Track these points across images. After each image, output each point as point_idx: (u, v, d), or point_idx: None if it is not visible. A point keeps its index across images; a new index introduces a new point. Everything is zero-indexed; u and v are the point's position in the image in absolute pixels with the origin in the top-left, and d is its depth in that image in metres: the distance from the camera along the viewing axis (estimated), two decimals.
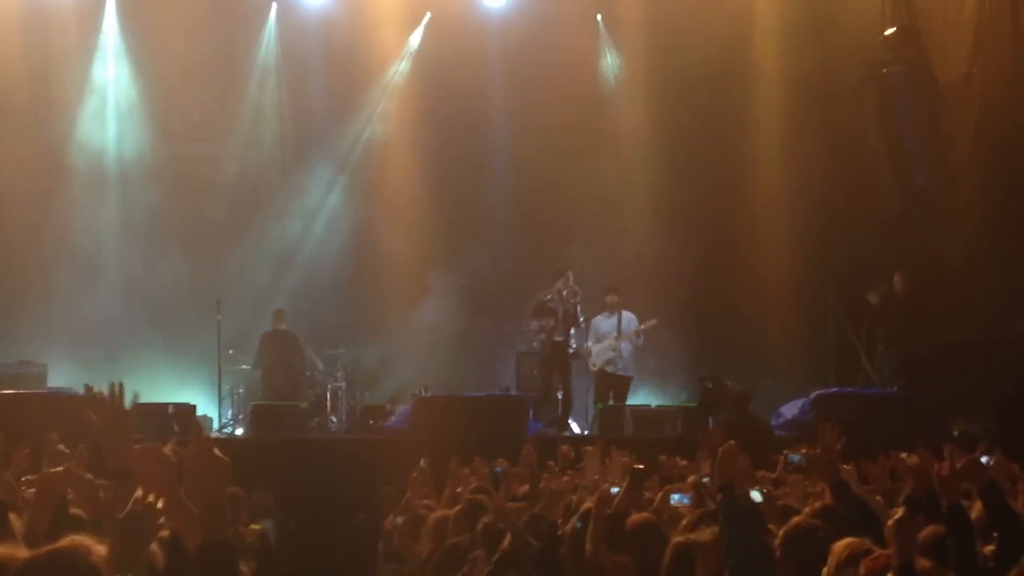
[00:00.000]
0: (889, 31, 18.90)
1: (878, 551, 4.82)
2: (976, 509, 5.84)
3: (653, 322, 18.84)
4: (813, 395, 16.83)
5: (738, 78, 21.23)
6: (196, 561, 3.63)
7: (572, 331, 18.19)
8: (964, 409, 15.75)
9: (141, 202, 20.89)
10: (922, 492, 6.02)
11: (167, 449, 3.96)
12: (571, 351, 18.23)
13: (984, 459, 7.10)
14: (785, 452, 7.18)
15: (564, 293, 17.93)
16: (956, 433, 15.41)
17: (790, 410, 17.20)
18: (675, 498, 7.53)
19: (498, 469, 10.37)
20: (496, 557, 7.31)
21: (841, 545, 4.99)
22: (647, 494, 7.92)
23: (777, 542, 5.60)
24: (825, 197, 20.64)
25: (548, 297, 18.05)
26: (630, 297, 18.83)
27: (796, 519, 5.89)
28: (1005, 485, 6.78)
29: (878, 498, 7.29)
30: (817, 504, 6.32)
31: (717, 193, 21.14)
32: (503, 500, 8.16)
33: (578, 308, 18.06)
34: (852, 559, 4.84)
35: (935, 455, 6.11)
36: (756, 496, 6.75)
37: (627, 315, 18.57)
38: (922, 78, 18.58)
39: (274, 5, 21.52)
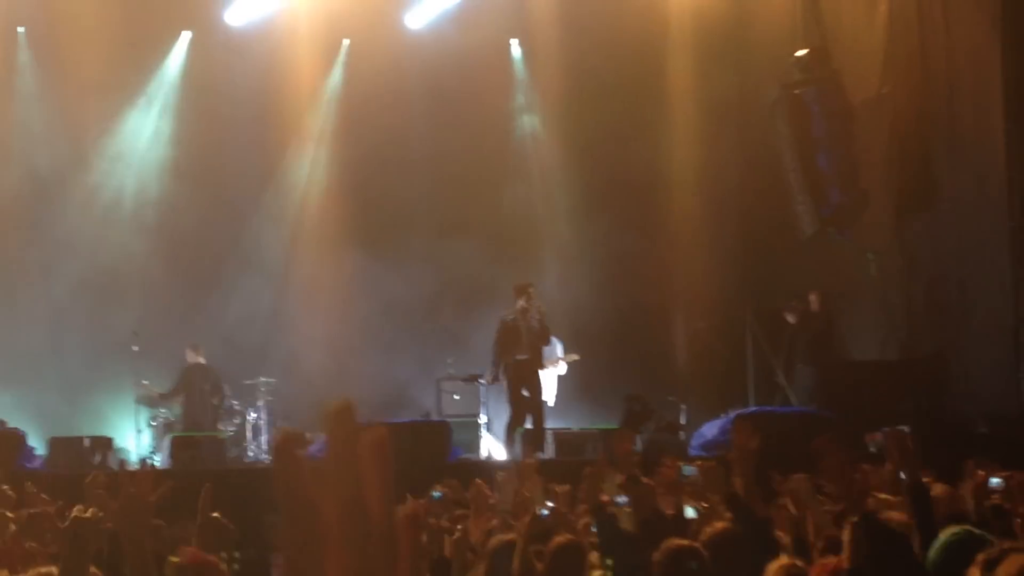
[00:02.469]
0: (801, 52, 19.10)
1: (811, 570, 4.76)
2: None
3: (575, 357, 18.94)
4: (733, 414, 16.93)
5: (653, 100, 21.36)
6: None
7: (543, 349, 18.14)
8: (880, 425, 15.88)
9: (55, 229, 20.62)
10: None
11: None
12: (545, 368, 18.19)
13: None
14: (680, 465, 7.13)
15: (528, 311, 17.81)
16: (873, 449, 15.55)
17: (710, 430, 17.30)
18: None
19: (437, 494, 10.19)
20: None
21: (775, 568, 4.92)
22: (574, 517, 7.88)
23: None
24: (741, 217, 20.83)
25: (511, 317, 17.89)
26: (551, 320, 18.84)
27: (675, 542, 5.84)
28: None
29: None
30: (719, 525, 6.23)
31: (632, 215, 21.22)
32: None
33: (542, 321, 17.91)
34: None
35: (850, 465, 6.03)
36: (690, 512, 6.77)
37: (553, 339, 18.61)
38: (834, 98, 18.77)
39: (184, 34, 21.28)
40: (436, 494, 10.15)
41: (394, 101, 21.09)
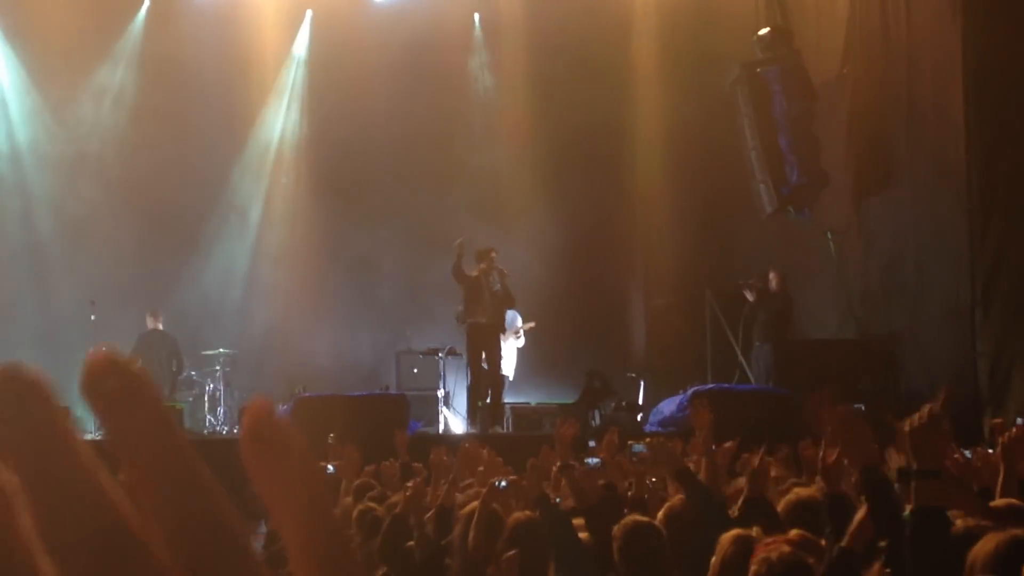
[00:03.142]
0: (763, 31, 19.15)
1: (769, 539, 4.57)
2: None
3: (531, 324, 19.01)
4: (690, 391, 17.01)
5: (616, 79, 21.42)
6: None
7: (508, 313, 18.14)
8: (836, 403, 15.98)
9: (24, 197, 20.53)
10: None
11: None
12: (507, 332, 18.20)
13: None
14: (629, 443, 7.15)
15: (489, 273, 17.70)
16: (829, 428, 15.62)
17: (668, 407, 17.37)
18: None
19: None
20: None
21: (727, 537, 4.78)
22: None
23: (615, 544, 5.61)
24: (702, 195, 20.91)
25: (474, 275, 17.71)
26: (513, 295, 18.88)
27: (633, 518, 5.83)
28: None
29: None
30: (674, 502, 6.22)
31: (594, 191, 21.31)
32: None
33: (506, 285, 17.87)
34: (742, 551, 4.57)
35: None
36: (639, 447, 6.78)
37: (511, 313, 18.62)
38: (796, 77, 18.82)
39: (146, 3, 21.17)
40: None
41: (359, 71, 21.05)
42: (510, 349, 18.73)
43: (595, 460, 7.61)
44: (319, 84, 21.49)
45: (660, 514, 6.11)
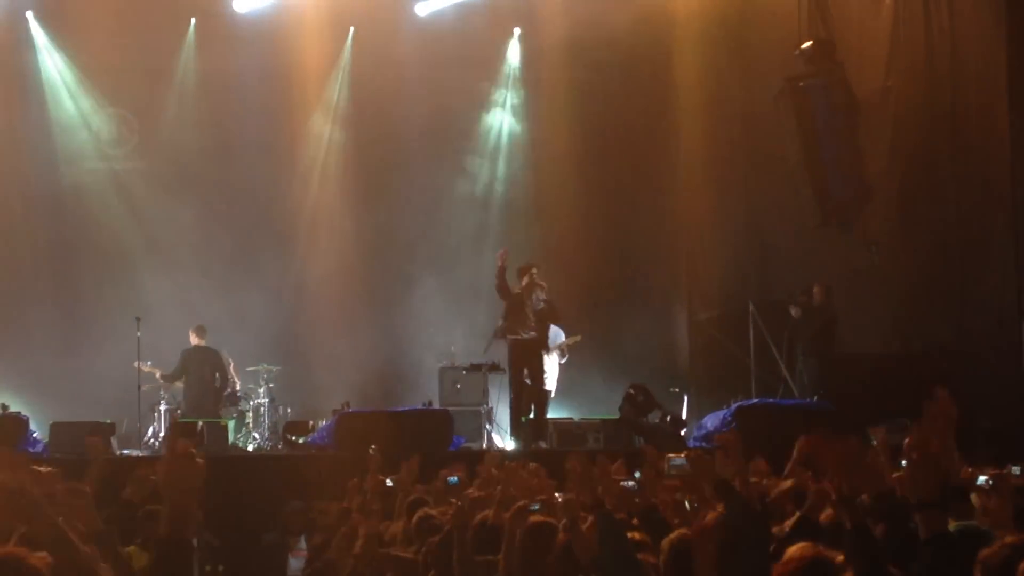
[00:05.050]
0: (806, 44, 19.05)
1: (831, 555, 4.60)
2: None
3: (577, 338, 19.00)
4: (734, 406, 16.95)
5: (658, 93, 21.38)
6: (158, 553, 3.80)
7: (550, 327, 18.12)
8: (882, 418, 15.86)
9: (62, 217, 20.69)
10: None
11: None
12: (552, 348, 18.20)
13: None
14: (668, 456, 7.07)
15: (532, 289, 17.58)
16: (875, 442, 15.51)
17: (711, 421, 17.31)
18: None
19: (453, 479, 10.22)
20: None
21: (796, 549, 4.75)
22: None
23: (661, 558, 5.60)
24: (745, 209, 20.85)
25: (517, 291, 17.60)
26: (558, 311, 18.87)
27: (678, 533, 5.81)
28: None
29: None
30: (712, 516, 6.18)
31: (636, 203, 21.29)
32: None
33: (550, 301, 17.84)
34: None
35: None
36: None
37: (554, 329, 18.61)
38: (839, 91, 18.71)
39: (192, 20, 21.30)
40: (453, 479, 10.19)
41: (400, 85, 21.13)
42: (553, 364, 18.70)
43: (631, 483, 7.52)
44: (361, 98, 21.55)
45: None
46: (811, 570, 4.35)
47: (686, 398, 19.72)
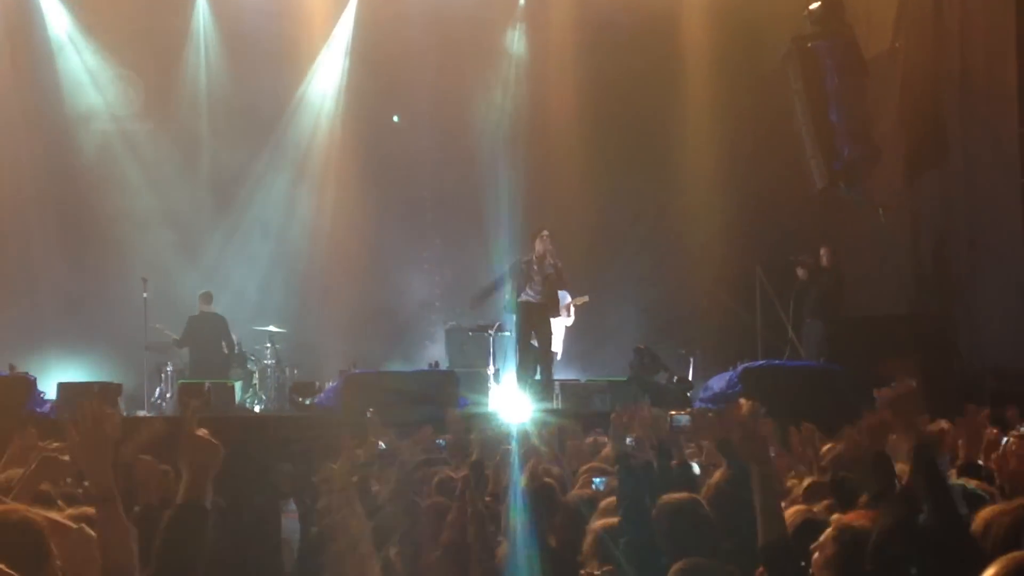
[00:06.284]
0: (814, 5, 18.94)
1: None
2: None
3: (585, 299, 18.93)
4: (740, 367, 16.93)
5: (665, 53, 21.33)
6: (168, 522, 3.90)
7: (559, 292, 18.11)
8: (888, 381, 15.89)
9: (68, 176, 20.67)
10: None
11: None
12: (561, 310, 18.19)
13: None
14: (672, 414, 7.03)
15: (544, 256, 17.51)
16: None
17: (718, 383, 17.30)
18: (595, 482, 7.43)
19: (440, 442, 10.17)
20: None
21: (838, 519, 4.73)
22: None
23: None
24: (752, 171, 20.79)
25: (526, 259, 17.61)
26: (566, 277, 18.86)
27: (673, 495, 5.81)
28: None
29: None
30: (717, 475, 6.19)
31: (644, 169, 21.27)
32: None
33: (558, 266, 17.82)
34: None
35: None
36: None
37: (560, 292, 18.58)
38: (847, 52, 18.63)
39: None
40: (440, 442, 10.18)
41: (404, 51, 21.07)
42: (559, 327, 18.67)
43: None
44: (364, 66, 21.47)
45: (706, 491, 6.08)
46: None
47: (692, 360, 19.70)
